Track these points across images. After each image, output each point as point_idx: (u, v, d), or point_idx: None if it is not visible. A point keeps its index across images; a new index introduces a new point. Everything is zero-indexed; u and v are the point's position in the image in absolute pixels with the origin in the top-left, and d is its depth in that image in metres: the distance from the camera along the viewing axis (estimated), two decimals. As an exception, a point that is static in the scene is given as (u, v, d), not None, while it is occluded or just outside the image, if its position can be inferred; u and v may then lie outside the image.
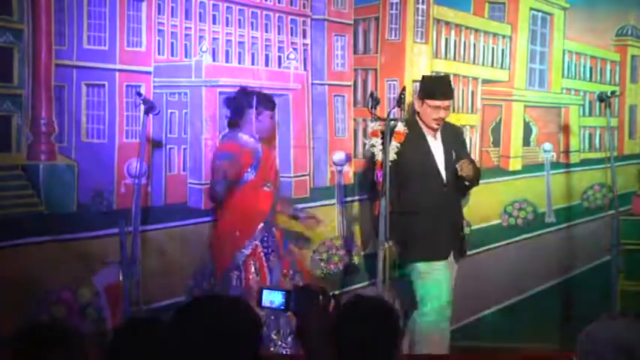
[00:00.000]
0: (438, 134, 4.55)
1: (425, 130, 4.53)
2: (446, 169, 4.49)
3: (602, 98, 4.65)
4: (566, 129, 5.24)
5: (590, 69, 5.28)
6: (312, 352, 2.19)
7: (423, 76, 4.77)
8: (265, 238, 4.45)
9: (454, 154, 4.52)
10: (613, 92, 4.72)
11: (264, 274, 4.41)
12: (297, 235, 4.82)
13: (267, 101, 4.52)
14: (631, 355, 1.84)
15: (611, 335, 1.89)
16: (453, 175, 4.46)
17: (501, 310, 5.05)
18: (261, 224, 4.46)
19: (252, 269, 4.41)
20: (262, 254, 4.44)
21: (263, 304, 2.28)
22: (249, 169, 4.43)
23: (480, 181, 5.04)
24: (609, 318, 2.09)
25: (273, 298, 2.26)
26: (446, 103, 4.49)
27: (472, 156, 5.13)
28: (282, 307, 2.25)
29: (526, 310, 5.00)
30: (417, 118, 4.55)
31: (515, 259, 5.10)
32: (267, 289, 2.31)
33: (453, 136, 4.62)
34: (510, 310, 5.04)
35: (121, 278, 4.15)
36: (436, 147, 4.53)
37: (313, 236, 4.87)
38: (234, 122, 4.54)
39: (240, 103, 4.47)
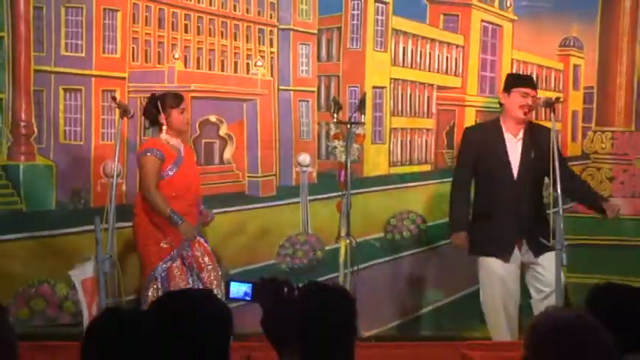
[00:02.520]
0: (520, 134, 4.51)
1: (505, 130, 4.52)
2: (519, 166, 4.48)
3: (548, 104, 4.63)
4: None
5: (537, 77, 5.31)
6: (276, 340, 2.25)
7: (509, 74, 4.84)
8: (188, 248, 4.33)
9: (534, 153, 4.46)
10: (557, 98, 4.77)
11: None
12: None
13: (173, 99, 4.37)
14: (572, 341, 1.89)
15: (555, 325, 1.93)
16: (528, 173, 4.45)
17: (457, 300, 5.14)
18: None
19: (176, 278, 4.28)
20: (184, 264, 4.31)
21: (231, 296, 2.32)
22: (170, 166, 4.32)
23: (436, 181, 5.22)
24: (554, 310, 2.14)
25: (240, 290, 2.31)
26: (533, 92, 4.50)
27: (428, 157, 5.29)
28: (249, 298, 2.30)
29: (478, 300, 4.92)
30: (500, 121, 4.56)
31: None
32: (235, 281, 2.34)
33: (540, 138, 4.48)
34: (464, 300, 5.09)
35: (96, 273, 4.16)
36: (513, 145, 4.51)
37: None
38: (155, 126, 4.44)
39: (151, 111, 4.36)
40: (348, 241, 4.50)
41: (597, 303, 2.36)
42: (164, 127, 4.36)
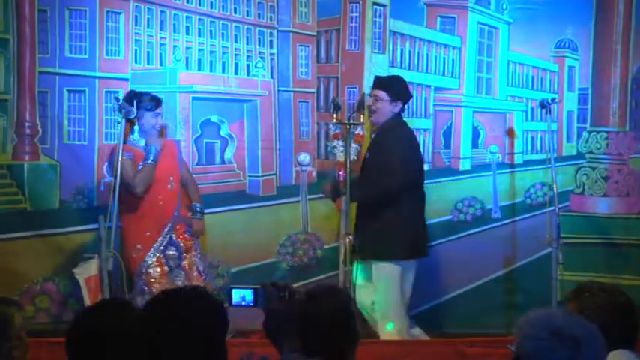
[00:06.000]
0: (375, 133, 4.62)
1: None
2: (359, 168, 4.62)
3: (543, 105, 4.80)
4: (510, 132, 5.36)
5: (532, 78, 5.41)
6: (278, 342, 2.32)
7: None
8: (169, 242, 4.38)
9: (368, 154, 4.58)
10: (553, 99, 4.83)
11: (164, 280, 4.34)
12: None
13: (148, 101, 4.36)
14: (562, 337, 1.93)
15: (546, 321, 1.97)
16: (365, 171, 4.55)
17: (452, 299, 5.19)
18: (167, 227, 4.40)
19: (156, 275, 4.37)
20: (164, 260, 4.37)
21: (233, 302, 2.38)
22: (140, 164, 4.33)
23: (433, 180, 5.20)
24: (545, 307, 2.12)
25: (243, 296, 2.38)
26: (374, 92, 4.52)
27: (426, 157, 5.25)
28: (252, 304, 2.37)
29: (474, 299, 5.14)
30: None
31: (465, 252, 5.22)
32: (236, 288, 2.40)
33: (377, 137, 4.57)
34: (460, 299, 5.18)
35: (99, 271, 4.27)
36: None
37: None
38: (131, 124, 4.43)
39: (126, 109, 4.28)
40: (347, 239, 4.49)
41: (576, 301, 2.44)
42: (135, 127, 4.40)
